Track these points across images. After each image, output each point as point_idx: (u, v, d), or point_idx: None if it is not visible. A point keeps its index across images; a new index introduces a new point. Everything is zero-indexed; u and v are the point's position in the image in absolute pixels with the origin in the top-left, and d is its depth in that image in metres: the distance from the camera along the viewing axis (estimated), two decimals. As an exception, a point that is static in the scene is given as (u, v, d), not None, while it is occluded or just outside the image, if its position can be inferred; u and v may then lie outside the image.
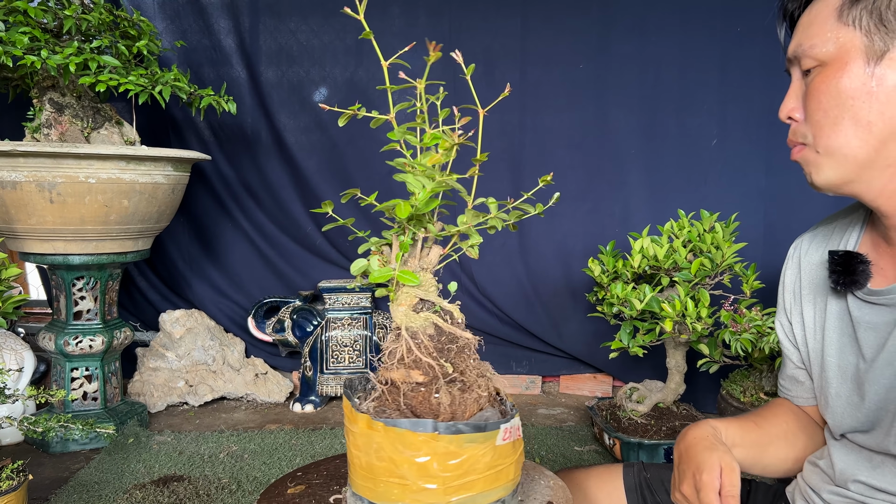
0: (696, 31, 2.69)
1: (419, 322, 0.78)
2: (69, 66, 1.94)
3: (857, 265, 0.83)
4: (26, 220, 2.05)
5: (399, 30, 2.81)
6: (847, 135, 0.74)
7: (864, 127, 0.73)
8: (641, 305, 1.94)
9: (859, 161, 0.75)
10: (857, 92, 0.72)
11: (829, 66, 0.74)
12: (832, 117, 0.74)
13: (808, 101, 0.77)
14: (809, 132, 0.78)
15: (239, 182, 2.90)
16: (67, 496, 1.85)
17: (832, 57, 0.74)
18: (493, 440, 0.75)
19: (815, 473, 0.94)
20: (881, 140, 0.73)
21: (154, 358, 2.73)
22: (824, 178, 0.78)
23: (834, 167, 0.77)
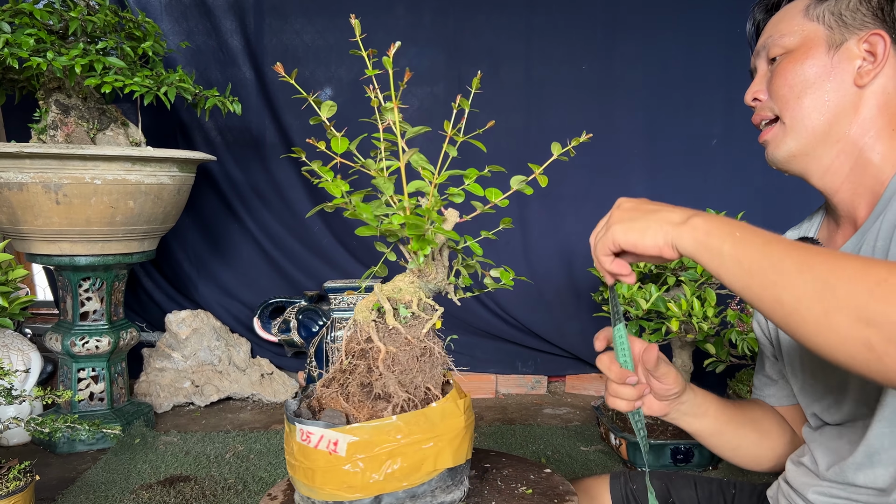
0: (700, 31, 2.69)
1: (363, 315, 0.86)
2: (75, 67, 1.94)
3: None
4: (32, 221, 2.06)
5: (403, 30, 2.81)
6: (808, 107, 0.85)
7: (823, 101, 0.84)
8: (647, 305, 1.93)
9: (816, 133, 0.85)
10: (819, 72, 0.84)
11: (796, 52, 0.86)
12: (797, 92, 0.85)
13: (775, 81, 0.88)
14: (776, 105, 0.88)
15: (245, 182, 2.91)
16: (74, 496, 1.86)
17: (798, 44, 0.86)
18: (295, 435, 0.82)
19: (800, 473, 0.94)
20: (834, 115, 0.84)
21: (160, 358, 2.74)
22: (786, 148, 0.88)
23: (795, 138, 0.86)
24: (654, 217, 0.73)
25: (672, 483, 1.12)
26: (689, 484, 1.11)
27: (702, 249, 0.68)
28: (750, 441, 1.02)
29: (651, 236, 0.72)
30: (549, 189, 3.14)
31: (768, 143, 0.90)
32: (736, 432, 1.01)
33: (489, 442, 2.29)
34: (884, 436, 0.78)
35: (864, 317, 0.54)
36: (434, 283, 0.88)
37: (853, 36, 0.83)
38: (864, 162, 0.85)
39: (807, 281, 0.58)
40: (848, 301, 0.55)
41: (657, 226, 0.72)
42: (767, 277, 0.62)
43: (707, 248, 0.67)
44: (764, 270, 0.62)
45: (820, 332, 0.57)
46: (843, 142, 0.85)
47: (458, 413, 0.85)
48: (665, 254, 0.72)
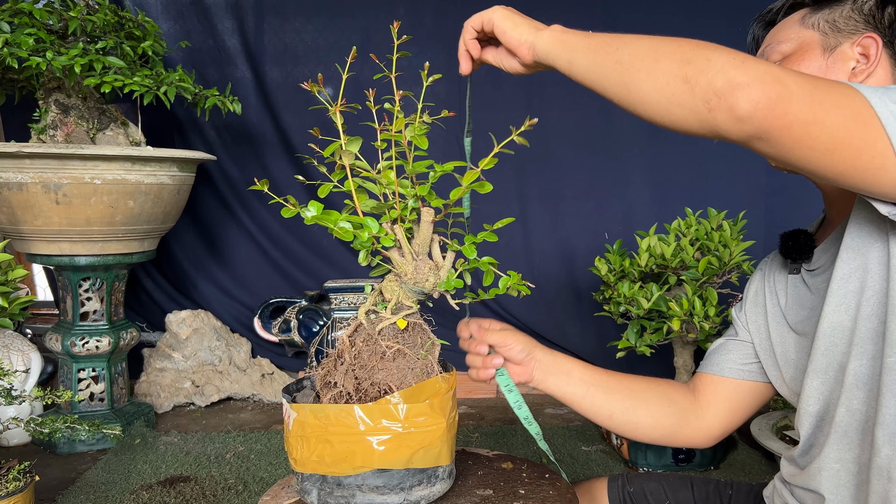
0: (700, 30, 2.68)
1: (360, 311, 0.92)
2: (74, 67, 1.94)
3: (801, 238, 0.94)
4: (32, 221, 2.06)
5: (404, 29, 2.80)
6: None
7: None
8: (649, 304, 1.93)
9: None
10: (814, 73, 0.86)
11: (793, 56, 0.89)
12: None
13: None
14: None
15: (244, 182, 2.90)
16: (74, 497, 1.86)
17: (795, 49, 0.89)
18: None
19: (792, 467, 0.94)
20: None
21: (160, 358, 2.74)
22: None
23: None
24: (527, 21, 0.88)
25: (669, 484, 1.12)
26: (686, 485, 1.11)
27: (557, 44, 0.81)
28: (623, 408, 1.05)
29: (519, 32, 0.86)
30: (549, 188, 3.15)
31: None
32: (606, 397, 1.05)
33: (490, 442, 2.28)
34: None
35: (683, 59, 0.67)
36: (413, 284, 0.89)
37: (847, 40, 0.86)
38: None
39: (643, 44, 0.72)
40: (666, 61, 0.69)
41: (527, 27, 0.86)
42: (610, 51, 0.74)
43: (562, 42, 0.81)
44: (607, 46, 0.75)
45: (649, 77, 0.70)
46: None
47: (426, 415, 0.86)
48: (522, 52, 0.86)
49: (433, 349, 0.91)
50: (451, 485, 0.93)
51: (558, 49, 0.81)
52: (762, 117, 0.63)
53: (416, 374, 0.89)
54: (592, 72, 0.77)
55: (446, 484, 0.92)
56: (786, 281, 0.98)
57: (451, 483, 0.93)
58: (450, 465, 0.92)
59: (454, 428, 0.91)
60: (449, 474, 0.92)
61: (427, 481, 0.88)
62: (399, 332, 0.89)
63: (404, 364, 0.89)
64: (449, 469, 0.92)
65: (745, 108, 0.63)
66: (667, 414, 1.04)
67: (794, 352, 0.95)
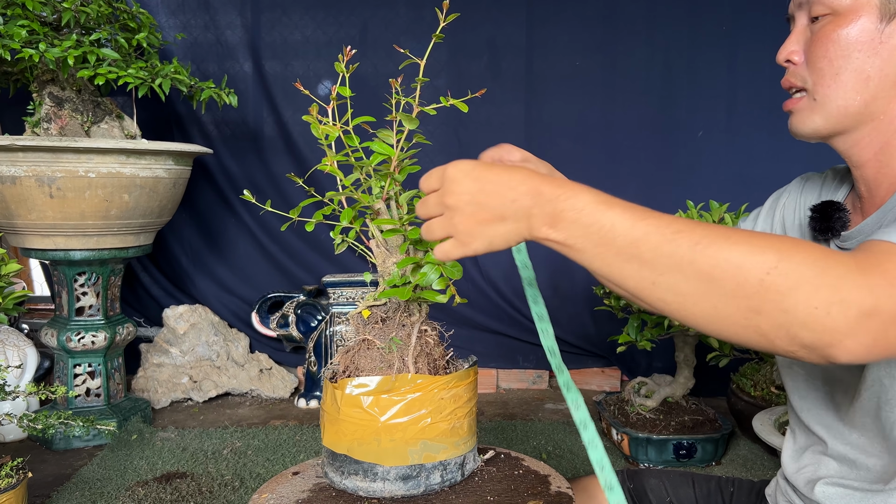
0: (703, 24, 2.66)
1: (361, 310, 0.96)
2: (68, 59, 1.91)
3: (833, 213, 0.86)
4: (26, 215, 2.04)
5: (404, 24, 2.78)
6: (846, 86, 0.77)
7: (863, 81, 0.76)
8: (649, 298, 1.90)
9: (850, 113, 0.78)
10: (864, 45, 0.75)
11: (842, 17, 0.76)
12: (836, 66, 0.77)
13: (814, 48, 0.79)
14: (809, 77, 0.80)
15: (243, 176, 2.88)
16: (69, 493, 1.84)
17: (847, 7, 0.75)
18: None
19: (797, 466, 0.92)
20: (873, 96, 0.76)
21: (158, 354, 2.72)
22: (813, 126, 0.80)
23: (826, 116, 0.79)
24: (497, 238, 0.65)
25: (670, 481, 1.10)
26: (688, 482, 1.09)
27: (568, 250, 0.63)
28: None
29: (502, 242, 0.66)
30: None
31: (793, 114, 0.82)
32: None
33: (490, 437, 2.26)
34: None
35: (747, 309, 0.54)
36: (381, 277, 0.92)
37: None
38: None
39: (690, 279, 0.56)
40: (730, 296, 0.55)
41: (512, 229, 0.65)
42: (644, 279, 0.58)
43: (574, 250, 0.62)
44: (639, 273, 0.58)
45: (710, 324, 0.57)
46: (878, 121, 0.78)
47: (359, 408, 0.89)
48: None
49: (400, 346, 0.90)
50: (413, 492, 0.90)
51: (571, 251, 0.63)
52: (858, 359, 0.54)
53: (381, 367, 0.90)
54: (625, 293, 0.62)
55: (395, 486, 0.89)
56: None
57: (407, 488, 0.89)
58: (400, 469, 0.88)
59: (409, 433, 0.88)
60: (402, 478, 0.89)
61: (364, 475, 0.89)
62: (375, 322, 0.92)
63: (376, 355, 0.90)
64: (400, 473, 0.89)
65: (842, 358, 0.54)
66: None
67: None
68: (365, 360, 0.91)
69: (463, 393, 0.92)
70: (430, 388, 0.88)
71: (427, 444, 0.89)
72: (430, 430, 0.88)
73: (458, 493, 0.92)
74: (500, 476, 0.97)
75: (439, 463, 0.90)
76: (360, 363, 0.91)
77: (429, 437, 0.88)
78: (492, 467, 1.00)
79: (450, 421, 0.90)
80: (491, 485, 0.94)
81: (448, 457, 0.91)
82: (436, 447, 0.89)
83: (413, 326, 0.91)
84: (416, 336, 0.91)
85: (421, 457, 0.89)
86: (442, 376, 0.90)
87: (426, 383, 0.88)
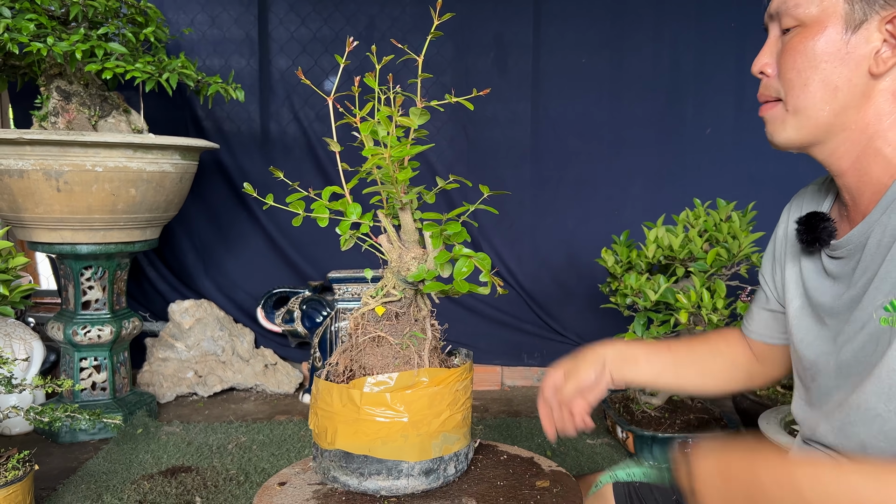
0: (711, 20, 2.65)
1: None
2: (75, 53, 1.91)
3: (818, 223, 0.87)
4: (33, 208, 2.04)
5: (410, 20, 2.78)
6: (815, 96, 0.78)
7: (831, 91, 0.77)
8: (656, 296, 1.90)
9: (820, 123, 0.79)
10: (831, 56, 0.76)
11: (809, 28, 0.77)
12: (804, 77, 0.78)
13: (783, 59, 0.81)
14: (781, 88, 0.81)
15: (253, 172, 2.89)
16: (75, 486, 1.84)
17: (813, 19, 0.77)
18: None
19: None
20: (842, 105, 0.77)
21: (163, 348, 2.72)
22: (786, 136, 0.82)
23: (797, 127, 0.81)
24: None
25: (675, 479, 1.09)
26: None
27: None
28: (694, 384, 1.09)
29: None
30: (554, 178, 3.11)
31: (767, 123, 0.84)
32: (676, 378, 1.08)
33: (494, 434, 2.26)
34: None
35: None
36: (398, 272, 0.90)
37: (875, 15, 0.74)
38: (872, 151, 0.78)
39: None
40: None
41: None
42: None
43: None
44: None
45: None
46: (850, 130, 0.79)
47: (384, 406, 0.87)
48: None
49: (419, 341, 0.90)
50: (433, 485, 0.90)
51: None
52: None
53: (397, 364, 0.89)
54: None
55: (418, 482, 0.88)
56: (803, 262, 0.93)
57: (428, 482, 0.89)
58: (424, 464, 0.88)
59: (433, 426, 0.88)
60: (424, 472, 0.89)
61: (388, 473, 0.87)
62: (387, 319, 0.91)
63: (389, 352, 0.90)
64: (423, 467, 0.88)
65: None
66: (733, 379, 1.08)
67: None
68: (373, 358, 0.90)
69: (469, 384, 0.94)
70: (449, 381, 0.89)
71: (447, 437, 0.90)
72: (449, 421, 0.89)
73: (469, 482, 0.93)
74: (493, 462, 1.00)
75: (454, 454, 0.91)
76: (367, 361, 0.90)
77: (448, 429, 0.90)
78: (478, 455, 1.03)
79: (462, 412, 0.92)
80: (491, 471, 0.97)
81: (461, 447, 0.93)
82: (452, 438, 0.91)
83: (425, 321, 0.91)
84: (430, 330, 0.91)
85: (441, 449, 0.89)
86: (455, 369, 0.91)
87: (445, 376, 0.89)
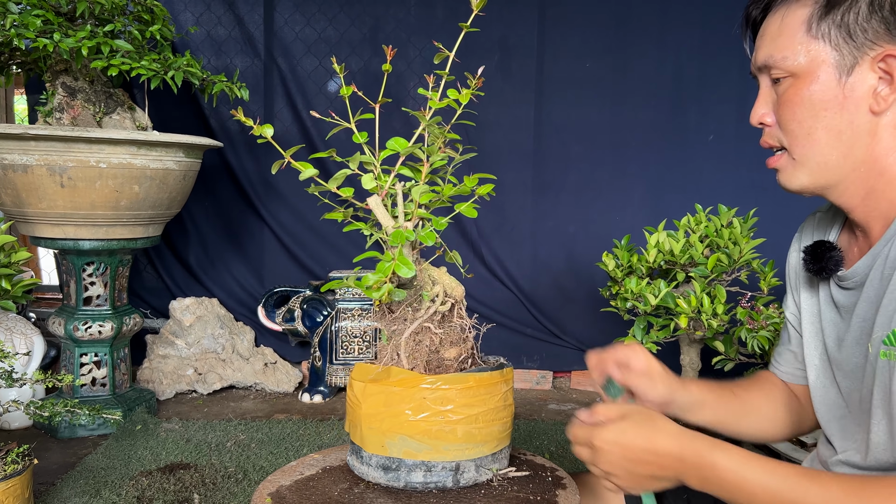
0: (715, 27, 2.66)
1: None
2: (81, 49, 1.92)
3: (824, 253, 0.87)
4: (37, 203, 2.05)
5: (415, 23, 2.79)
6: (820, 144, 0.78)
7: (836, 136, 0.77)
8: (656, 301, 1.90)
9: (830, 167, 0.79)
10: (829, 104, 0.76)
11: (801, 79, 0.77)
12: (806, 128, 0.78)
13: (782, 110, 0.80)
14: (784, 138, 0.81)
15: (257, 172, 2.89)
16: (74, 481, 1.85)
17: (804, 70, 0.77)
18: None
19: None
20: (849, 147, 0.77)
21: (163, 345, 2.73)
22: (798, 183, 0.82)
23: (807, 174, 0.81)
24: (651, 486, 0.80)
25: None
26: None
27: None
28: (754, 429, 1.03)
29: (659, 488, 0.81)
30: (555, 181, 3.12)
31: (778, 172, 0.84)
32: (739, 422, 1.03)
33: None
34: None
35: None
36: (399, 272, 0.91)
37: (865, 56, 0.74)
38: (881, 187, 0.79)
39: None
40: None
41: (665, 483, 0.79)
42: None
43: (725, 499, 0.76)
44: None
45: None
46: (860, 169, 0.79)
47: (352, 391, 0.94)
48: None
49: (389, 338, 0.92)
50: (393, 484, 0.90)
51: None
52: None
53: (373, 355, 0.91)
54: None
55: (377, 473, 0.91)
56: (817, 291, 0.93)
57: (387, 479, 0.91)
58: (380, 458, 0.90)
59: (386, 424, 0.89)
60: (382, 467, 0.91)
61: (357, 456, 0.95)
62: (383, 314, 0.94)
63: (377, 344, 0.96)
64: (380, 461, 0.91)
65: None
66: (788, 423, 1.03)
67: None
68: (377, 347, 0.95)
69: (455, 397, 0.87)
70: (413, 385, 0.87)
71: (406, 440, 0.87)
72: (409, 426, 0.87)
73: (446, 497, 0.88)
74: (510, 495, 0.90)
75: (421, 462, 0.88)
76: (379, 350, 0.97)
77: (408, 434, 0.87)
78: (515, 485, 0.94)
79: (435, 422, 0.87)
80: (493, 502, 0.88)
81: (433, 458, 0.88)
82: (417, 445, 0.87)
83: (414, 322, 0.90)
84: (411, 331, 0.90)
85: (400, 451, 0.88)
86: (425, 376, 0.88)
87: (409, 379, 0.88)
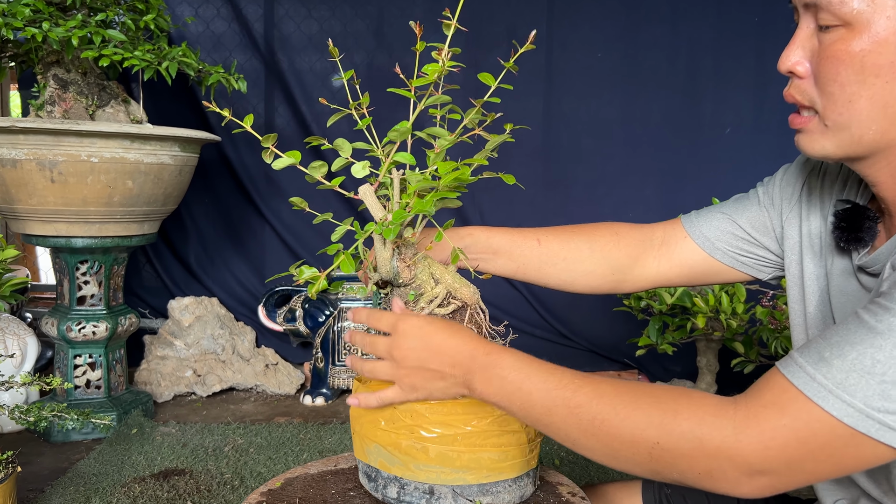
0: (731, 14, 2.58)
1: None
2: (72, 39, 1.85)
3: (863, 221, 0.74)
4: (27, 200, 1.98)
5: (420, 12, 2.71)
6: (861, 115, 0.65)
7: (880, 108, 0.64)
8: (672, 300, 1.81)
9: (864, 142, 0.67)
10: (883, 70, 0.62)
11: (856, 31, 0.62)
12: (849, 93, 0.65)
13: (823, 66, 0.67)
14: (819, 100, 0.68)
15: (257, 167, 2.83)
16: (64, 488, 1.78)
17: (863, 20, 0.62)
18: None
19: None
20: (892, 122, 0.65)
21: (162, 346, 2.66)
22: (822, 150, 0.70)
23: (837, 143, 0.68)
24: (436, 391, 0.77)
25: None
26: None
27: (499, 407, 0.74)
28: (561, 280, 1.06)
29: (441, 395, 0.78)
30: (564, 176, 3.04)
31: (800, 133, 0.72)
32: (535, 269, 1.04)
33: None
34: None
35: (649, 470, 0.65)
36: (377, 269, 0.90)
37: None
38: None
39: (594, 444, 0.66)
40: (631, 461, 0.65)
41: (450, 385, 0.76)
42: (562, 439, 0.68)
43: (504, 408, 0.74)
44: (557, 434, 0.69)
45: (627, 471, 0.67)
46: (895, 146, 0.68)
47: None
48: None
49: None
50: (374, 493, 0.86)
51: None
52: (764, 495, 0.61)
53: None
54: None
55: (364, 479, 0.88)
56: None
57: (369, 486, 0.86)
58: (361, 464, 0.88)
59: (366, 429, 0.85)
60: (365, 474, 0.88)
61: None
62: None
63: None
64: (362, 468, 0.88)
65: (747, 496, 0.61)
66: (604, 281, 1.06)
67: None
68: None
69: (426, 412, 0.80)
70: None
71: (380, 450, 0.83)
72: (382, 435, 0.82)
73: None
74: None
75: (395, 477, 0.82)
76: None
77: (381, 443, 0.83)
78: None
79: (405, 436, 0.80)
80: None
81: (405, 476, 0.81)
82: (389, 457, 0.82)
83: None
84: None
85: (377, 461, 0.84)
86: None
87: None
